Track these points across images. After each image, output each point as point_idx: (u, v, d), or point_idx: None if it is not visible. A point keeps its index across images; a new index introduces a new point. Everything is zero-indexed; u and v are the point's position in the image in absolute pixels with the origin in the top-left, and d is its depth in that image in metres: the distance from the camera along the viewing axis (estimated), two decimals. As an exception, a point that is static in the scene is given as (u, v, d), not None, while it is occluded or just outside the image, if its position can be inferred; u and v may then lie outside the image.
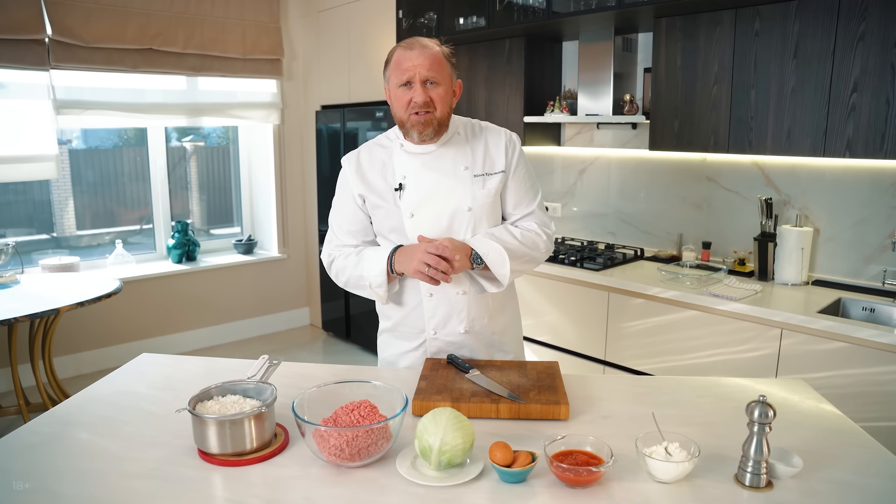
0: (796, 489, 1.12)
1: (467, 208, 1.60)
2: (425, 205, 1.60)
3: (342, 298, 4.50)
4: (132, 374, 1.66)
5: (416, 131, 1.56)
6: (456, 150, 1.63)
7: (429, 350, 1.72)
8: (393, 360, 1.78)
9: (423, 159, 1.63)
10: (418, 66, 1.51)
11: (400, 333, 1.75)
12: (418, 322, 1.69)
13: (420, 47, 1.53)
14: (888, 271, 2.51)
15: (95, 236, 4.20)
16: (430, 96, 1.53)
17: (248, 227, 4.93)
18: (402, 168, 1.63)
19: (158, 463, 1.21)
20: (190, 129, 4.49)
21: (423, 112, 1.53)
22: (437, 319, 1.67)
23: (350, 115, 4.21)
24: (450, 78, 1.59)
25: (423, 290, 1.66)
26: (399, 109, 1.57)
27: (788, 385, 1.60)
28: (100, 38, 3.64)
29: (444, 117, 1.58)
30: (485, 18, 3.38)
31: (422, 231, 1.60)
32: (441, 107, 1.55)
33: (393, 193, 1.63)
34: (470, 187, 1.61)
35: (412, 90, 1.53)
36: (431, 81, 1.53)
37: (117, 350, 4.08)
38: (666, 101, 2.82)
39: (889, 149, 2.22)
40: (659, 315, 2.63)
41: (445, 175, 1.61)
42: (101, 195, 4.17)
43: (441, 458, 1.12)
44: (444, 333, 1.68)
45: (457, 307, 1.66)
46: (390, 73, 1.57)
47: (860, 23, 2.24)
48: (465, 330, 1.68)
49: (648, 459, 1.13)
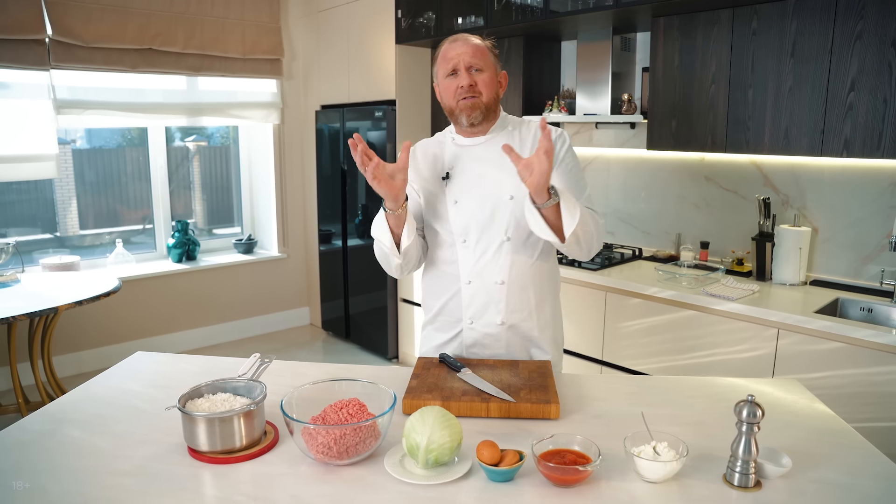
0: (784, 489, 1.12)
1: (510, 197, 1.61)
2: (469, 193, 1.63)
3: (342, 298, 4.51)
4: (126, 373, 1.66)
5: (465, 115, 1.59)
6: (503, 141, 1.66)
7: (465, 342, 1.71)
8: (431, 353, 1.79)
9: (471, 151, 1.67)
10: (462, 54, 1.57)
11: (439, 324, 1.76)
12: (456, 311, 1.70)
13: (463, 40, 1.60)
14: (886, 271, 2.50)
15: (98, 236, 4.22)
16: (474, 80, 1.57)
17: (249, 226, 4.94)
18: (450, 160, 1.68)
19: (148, 460, 1.21)
20: (193, 129, 4.50)
21: (469, 96, 1.57)
22: (475, 308, 1.67)
23: (350, 115, 4.22)
24: (494, 67, 1.62)
25: (461, 277, 1.67)
26: (448, 98, 1.62)
27: (782, 385, 1.59)
28: (100, 38, 3.66)
29: (491, 102, 1.61)
30: (483, 18, 3.38)
31: (464, 219, 1.62)
32: (486, 91, 1.59)
33: (440, 182, 1.66)
34: (515, 178, 1.59)
35: (458, 77, 1.58)
36: (476, 68, 1.58)
37: (117, 349, 4.10)
38: (664, 101, 2.81)
39: (886, 148, 2.22)
40: (656, 315, 2.63)
41: (491, 165, 1.64)
42: (104, 195, 4.18)
43: (428, 456, 1.12)
44: (482, 324, 1.68)
45: (494, 297, 1.65)
46: (437, 67, 1.63)
47: (857, 21, 2.23)
48: (503, 321, 1.67)
49: (636, 459, 1.13)
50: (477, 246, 1.64)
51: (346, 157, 4.29)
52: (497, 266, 1.64)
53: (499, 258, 1.63)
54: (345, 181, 4.33)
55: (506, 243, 1.63)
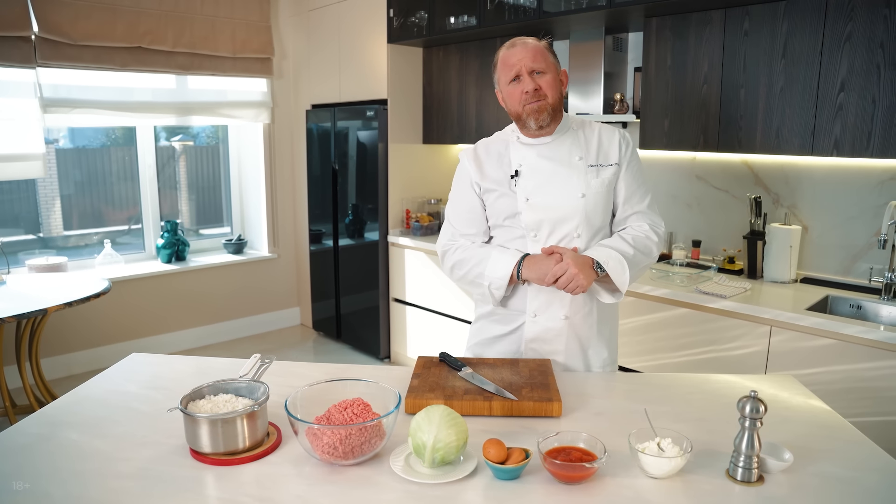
0: (787, 483, 1.13)
1: (581, 195, 1.64)
2: (541, 190, 1.64)
3: (333, 298, 4.49)
4: (122, 374, 1.64)
5: (533, 119, 1.61)
6: (571, 141, 1.68)
7: (525, 335, 1.72)
8: (484, 346, 1.79)
9: (538, 149, 1.68)
10: (523, 59, 1.59)
11: (498, 317, 1.76)
12: (519, 304, 1.71)
13: (521, 43, 1.61)
14: (874, 269, 2.54)
15: (83, 236, 4.16)
16: (538, 84, 1.59)
17: (238, 226, 4.91)
18: (518, 157, 1.68)
19: (150, 463, 1.20)
20: (179, 129, 4.46)
21: (534, 100, 1.59)
22: (540, 302, 1.68)
23: (341, 115, 4.20)
24: (555, 66, 1.64)
25: None
26: (513, 104, 1.63)
27: (778, 381, 1.61)
28: (88, 36, 3.61)
29: (556, 102, 1.63)
30: (476, 17, 3.39)
31: (536, 216, 1.64)
32: (551, 93, 1.60)
33: (509, 181, 1.67)
34: (584, 176, 1.65)
35: (521, 82, 1.59)
36: (538, 71, 1.59)
37: (107, 350, 4.05)
38: (656, 100, 2.83)
39: (875, 148, 2.25)
40: (650, 313, 2.65)
41: (561, 164, 1.66)
42: (88, 195, 4.13)
43: (435, 455, 1.13)
44: (545, 318, 1.69)
45: (560, 292, 1.65)
46: (499, 75, 1.65)
47: (847, 23, 2.27)
48: (566, 316, 1.68)
49: (641, 455, 1.14)
50: (547, 241, 1.65)
51: (337, 156, 4.27)
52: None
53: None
54: (336, 181, 4.32)
55: (575, 239, 1.65)
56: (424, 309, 3.86)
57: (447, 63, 3.88)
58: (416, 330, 3.95)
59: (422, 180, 4.21)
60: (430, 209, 4.22)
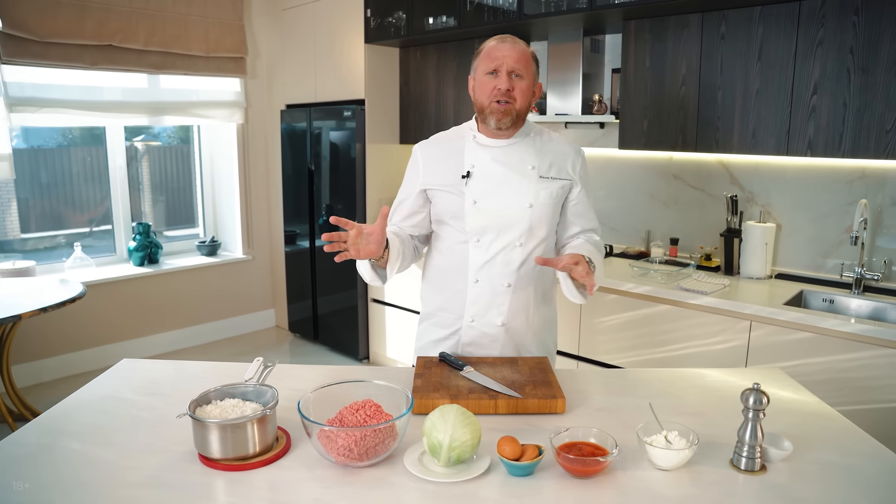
0: (788, 471, 1.18)
1: (529, 205, 1.65)
2: (489, 195, 1.65)
3: (310, 299, 4.46)
4: (115, 381, 1.61)
5: (495, 118, 1.61)
6: (525, 149, 1.68)
7: (462, 340, 1.73)
8: (427, 349, 1.80)
9: (493, 152, 1.67)
10: (507, 56, 1.59)
11: (437, 320, 1.78)
12: (458, 308, 1.72)
13: (511, 41, 1.62)
14: (845, 264, 2.65)
15: (42, 239, 4.02)
16: (513, 86, 1.59)
17: (211, 228, 4.82)
18: (471, 157, 1.68)
19: (159, 470, 1.18)
20: (141, 129, 4.34)
21: (503, 101, 1.59)
22: (478, 307, 1.70)
23: (317, 115, 4.17)
24: (533, 76, 1.64)
25: (469, 276, 1.69)
26: (482, 96, 1.63)
27: (767, 374, 1.67)
28: (55, 33, 3.50)
29: (523, 111, 1.63)
30: (455, 18, 3.40)
31: (482, 220, 1.64)
32: (521, 100, 1.61)
33: (459, 181, 1.67)
34: (534, 186, 1.66)
35: (498, 78, 1.59)
36: (517, 74, 1.59)
37: (78, 356, 3.94)
38: (635, 101, 2.90)
39: (846, 148, 2.35)
40: (632, 310, 2.71)
41: (513, 170, 1.66)
42: (46, 196, 3.97)
43: (451, 454, 1.14)
44: (482, 323, 1.70)
45: (499, 298, 1.68)
46: (479, 62, 1.64)
47: (818, 29, 2.36)
48: (503, 323, 1.70)
49: (650, 448, 1.17)
50: (490, 247, 1.66)
51: (313, 156, 4.24)
52: (507, 269, 1.67)
53: (509, 262, 1.67)
54: (312, 181, 4.28)
55: (517, 248, 1.67)
56: (404, 309, 3.86)
57: (425, 63, 3.88)
58: (396, 330, 3.95)
59: (399, 180, 4.11)
60: (408, 209, 4.21)
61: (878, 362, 2.12)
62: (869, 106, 2.29)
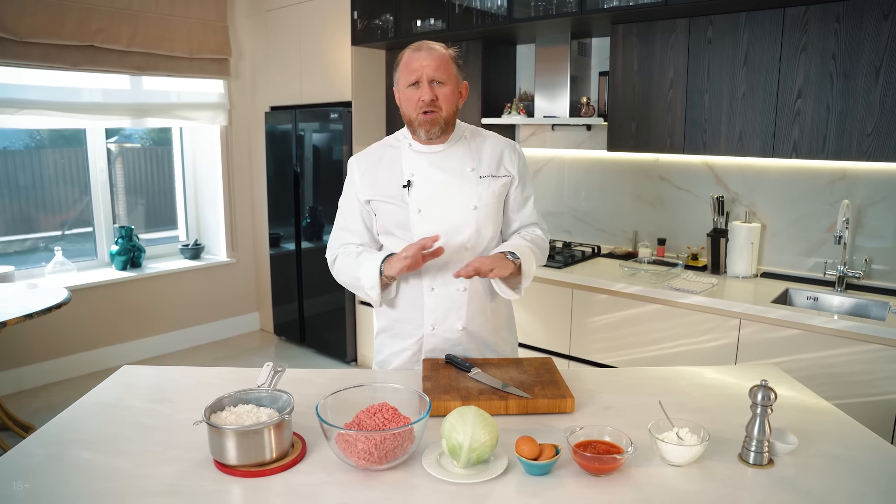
0: (794, 464, 1.22)
1: (473, 207, 1.66)
2: (433, 202, 1.65)
3: (296, 301, 4.43)
4: (119, 388, 1.59)
5: (424, 129, 1.62)
6: (462, 151, 1.69)
7: (424, 348, 1.74)
8: (388, 361, 1.80)
9: (430, 158, 1.67)
10: (425, 66, 1.58)
11: (396, 332, 1.78)
12: (416, 318, 1.72)
13: (427, 49, 1.60)
14: (828, 263, 2.73)
15: (12, 243, 3.89)
16: (436, 94, 1.58)
17: (194, 231, 4.76)
18: (410, 166, 1.67)
19: (176, 478, 1.17)
20: (114, 131, 4.25)
21: (429, 110, 1.59)
22: (437, 315, 1.70)
23: (302, 117, 4.15)
24: (456, 78, 1.64)
25: (424, 284, 1.69)
26: (409, 109, 1.63)
27: (762, 371, 1.72)
28: (35, 33, 3.42)
29: (450, 116, 1.64)
30: (443, 21, 3.42)
31: (428, 228, 1.63)
32: (446, 106, 1.61)
33: (401, 191, 1.66)
34: (476, 187, 1.67)
35: (420, 90, 1.59)
36: (438, 81, 1.59)
37: (60, 363, 3.85)
38: (623, 104, 2.95)
39: (830, 151, 2.42)
40: (623, 310, 2.75)
41: (452, 174, 1.66)
42: (16, 199, 3.85)
43: (471, 455, 1.15)
44: (442, 330, 1.71)
45: (456, 303, 1.70)
46: (399, 75, 1.63)
47: (802, 35, 2.43)
48: (463, 327, 1.71)
49: (663, 445, 1.20)
50: None
51: (298, 158, 4.21)
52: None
53: (461, 265, 1.60)
54: (298, 183, 4.26)
55: (467, 252, 1.67)
56: (394, 311, 3.86)
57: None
58: (386, 332, 3.94)
59: (386, 182, 4.20)
60: (395, 211, 4.22)
61: (863, 357, 2.20)
62: (851, 110, 2.36)
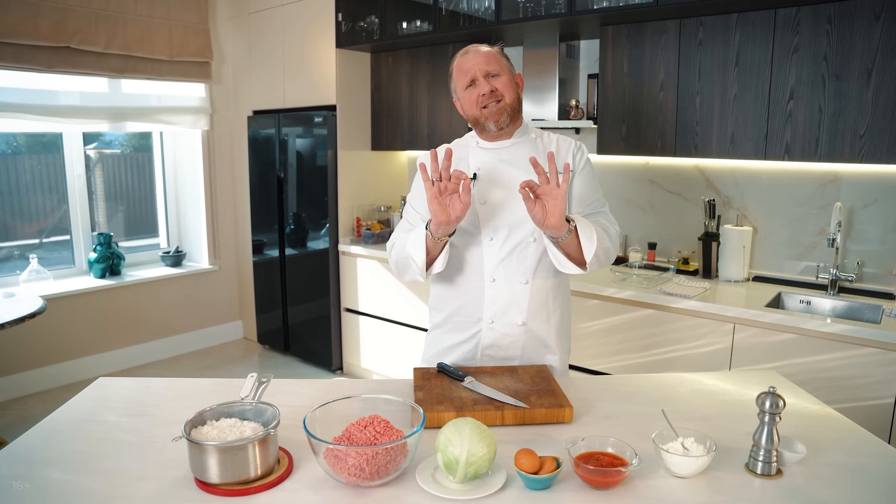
0: (802, 475, 1.17)
1: None
2: (498, 193, 1.64)
3: (280, 309, 4.34)
4: (93, 401, 1.50)
5: (493, 121, 1.60)
6: (528, 148, 1.68)
7: (482, 342, 1.68)
8: (439, 356, 1.74)
9: (498, 153, 1.67)
10: (477, 63, 1.59)
11: (453, 325, 1.73)
12: (475, 311, 1.68)
13: (474, 50, 1.62)
14: (820, 266, 2.71)
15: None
16: (494, 86, 1.58)
17: (176, 238, 4.65)
18: (477, 161, 1.68)
19: (153, 499, 1.10)
20: (93, 137, 4.14)
21: (492, 102, 1.58)
22: (497, 307, 1.66)
23: (286, 121, 4.07)
24: (509, 69, 1.64)
25: (486, 275, 1.65)
26: (471, 109, 1.63)
27: (762, 377, 1.68)
28: (7, 32, 3.31)
29: (514, 103, 1.62)
30: (430, 24, 3.37)
31: (493, 220, 1.63)
32: (508, 93, 1.60)
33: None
34: None
35: (477, 86, 1.59)
36: (493, 74, 1.59)
37: (36, 375, 3.73)
38: (613, 107, 2.91)
39: (822, 152, 2.40)
40: (615, 315, 2.71)
41: (519, 168, 1.65)
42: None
43: (468, 469, 1.09)
44: (502, 324, 1.66)
45: (518, 296, 1.65)
46: (455, 82, 1.65)
47: (794, 36, 2.41)
48: (523, 322, 1.66)
49: (668, 455, 1.15)
50: (504, 245, 1.64)
51: (282, 163, 4.14)
52: (523, 266, 1.65)
53: (524, 259, 1.64)
54: (282, 189, 4.17)
55: (532, 244, 1.64)
56: (378, 318, 3.80)
57: (397, 69, 3.84)
58: (370, 340, 3.87)
59: (371, 187, 4.15)
60: (380, 216, 4.16)
61: (858, 361, 2.17)
62: (843, 111, 2.35)
